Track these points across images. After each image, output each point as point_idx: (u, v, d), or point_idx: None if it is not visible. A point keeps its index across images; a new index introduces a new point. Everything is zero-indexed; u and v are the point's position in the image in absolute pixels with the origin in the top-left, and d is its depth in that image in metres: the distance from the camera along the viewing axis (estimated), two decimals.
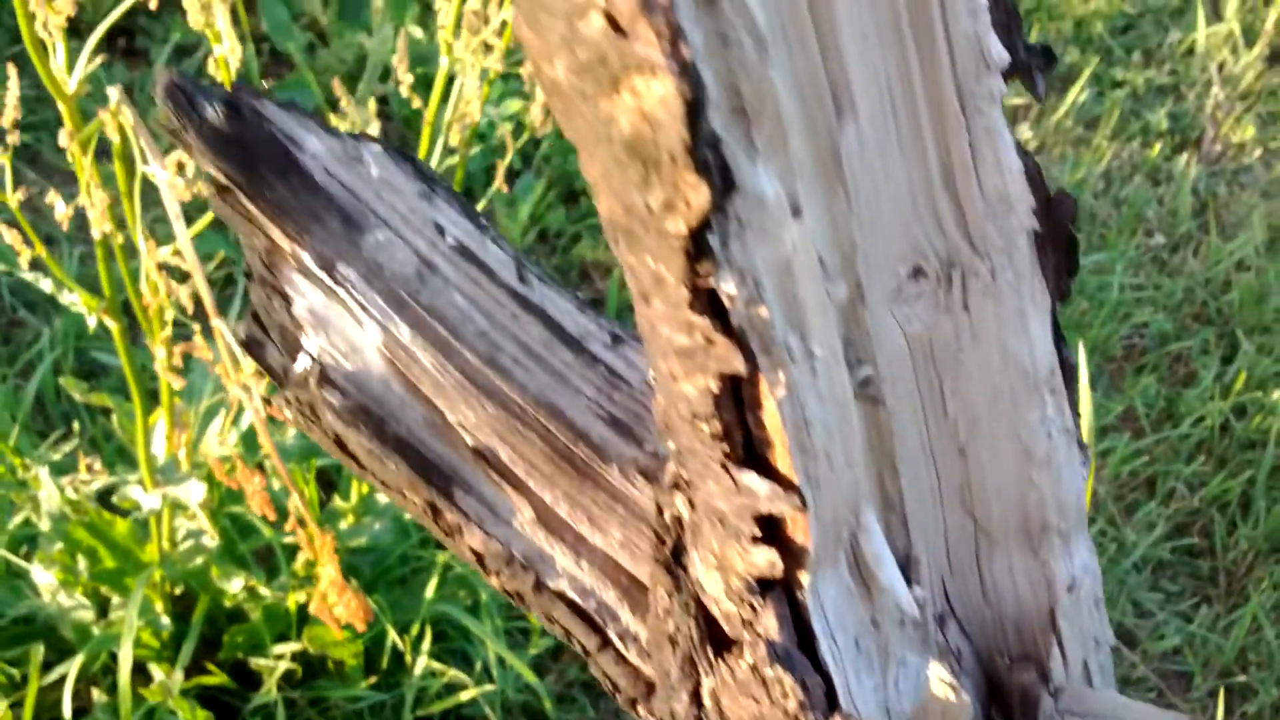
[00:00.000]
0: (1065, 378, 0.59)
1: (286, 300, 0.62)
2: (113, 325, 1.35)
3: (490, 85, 1.37)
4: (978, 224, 0.54)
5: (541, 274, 0.65)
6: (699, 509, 0.54)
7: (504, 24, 1.32)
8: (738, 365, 0.46)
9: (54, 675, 1.56)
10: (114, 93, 1.20)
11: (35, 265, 1.84)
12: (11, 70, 1.18)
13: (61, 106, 1.19)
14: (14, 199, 1.20)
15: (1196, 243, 2.39)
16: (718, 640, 0.57)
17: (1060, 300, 0.57)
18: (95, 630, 1.61)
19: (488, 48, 1.35)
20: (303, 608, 1.70)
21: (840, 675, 0.57)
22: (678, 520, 0.58)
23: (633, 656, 0.64)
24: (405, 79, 1.36)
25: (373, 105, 1.46)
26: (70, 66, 1.19)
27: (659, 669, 0.58)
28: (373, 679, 1.67)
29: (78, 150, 1.18)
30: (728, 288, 0.45)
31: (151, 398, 1.51)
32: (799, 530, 0.52)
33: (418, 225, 0.62)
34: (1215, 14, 2.64)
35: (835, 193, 0.50)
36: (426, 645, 1.66)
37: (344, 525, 1.74)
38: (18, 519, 1.70)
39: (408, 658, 1.67)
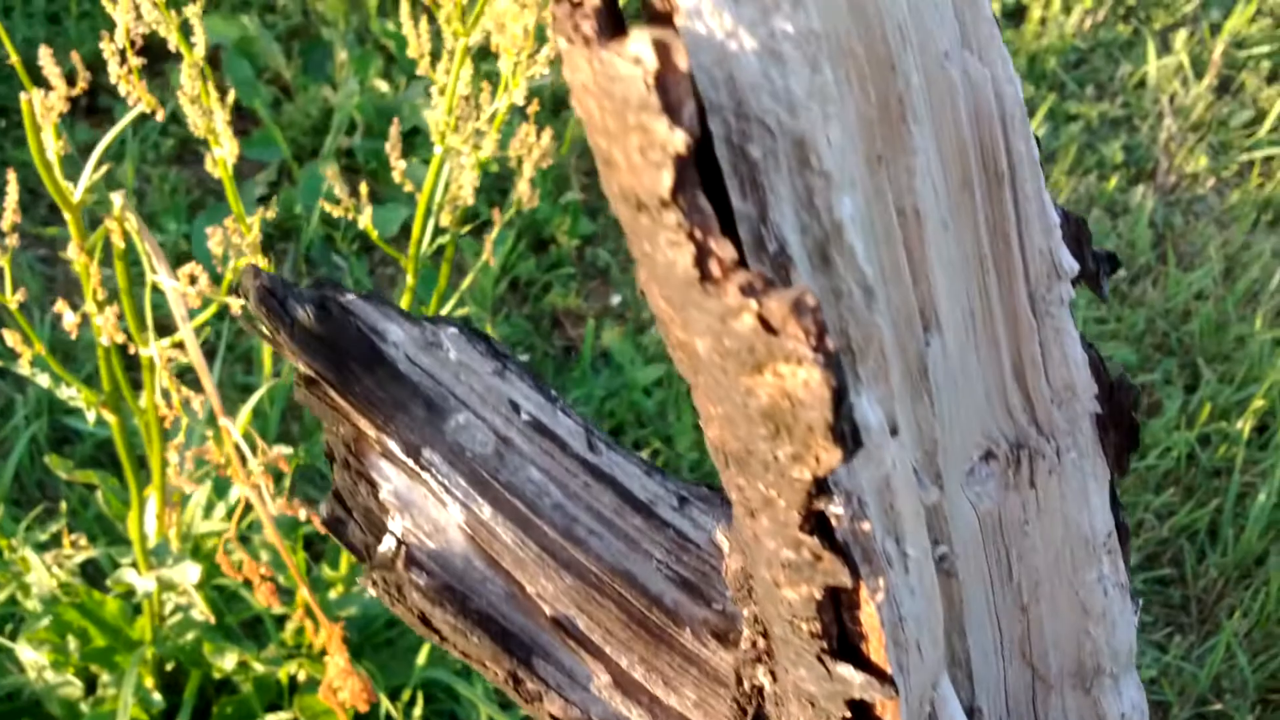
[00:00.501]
0: (1121, 538, 0.63)
1: (373, 485, 0.64)
2: (111, 419, 1.36)
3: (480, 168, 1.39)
4: (1045, 411, 0.57)
5: (608, 440, 0.68)
6: (784, 686, 0.57)
7: (494, 114, 1.34)
8: (844, 579, 0.49)
9: None
10: (118, 198, 1.21)
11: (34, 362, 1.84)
12: (11, 175, 1.19)
13: (67, 216, 1.19)
14: (13, 300, 1.21)
15: (1156, 274, 2.45)
16: None
17: (1120, 475, 0.61)
18: (84, 707, 1.61)
19: (479, 133, 1.37)
20: (294, 677, 1.71)
21: None
22: (759, 690, 0.60)
23: None
24: (398, 166, 1.37)
25: (335, 168, 1.46)
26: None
27: None
28: None
29: (84, 261, 1.19)
30: (835, 509, 0.48)
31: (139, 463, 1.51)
32: (889, 713, 0.55)
33: (494, 404, 0.65)
34: (1165, 46, 2.70)
35: (921, 399, 0.53)
36: (419, 711, 1.68)
37: (333, 595, 1.75)
38: (1, 596, 1.70)
39: None
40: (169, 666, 1.68)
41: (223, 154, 1.24)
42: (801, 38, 0.41)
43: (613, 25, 0.38)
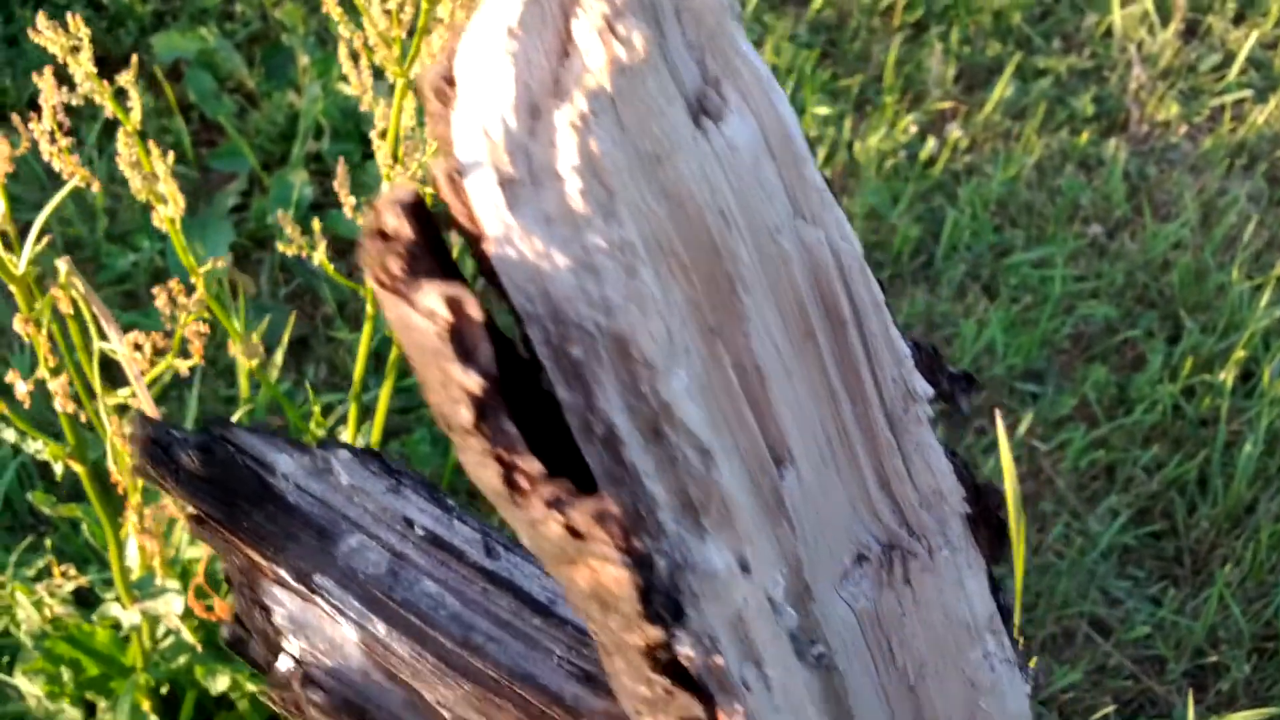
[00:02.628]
0: (1004, 617, 0.64)
1: (266, 610, 0.66)
2: (79, 469, 1.38)
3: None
4: (914, 515, 0.59)
5: (507, 542, 0.70)
6: None
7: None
8: (697, 712, 0.51)
9: None
10: (63, 265, 1.23)
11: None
12: None
13: (12, 289, 1.21)
14: None
15: (1133, 227, 2.45)
16: None
17: (994, 563, 0.62)
18: None
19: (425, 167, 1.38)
20: None
21: None
22: None
23: None
24: (348, 202, 1.37)
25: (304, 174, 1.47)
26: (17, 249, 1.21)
27: None
28: None
29: (32, 331, 1.20)
30: (685, 650, 0.50)
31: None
32: None
33: (388, 522, 0.67)
34: None
35: (780, 525, 0.54)
36: None
37: None
38: None
39: None
40: (164, 689, 1.72)
41: (168, 213, 1.25)
42: (615, 248, 0.43)
43: (428, 260, 0.39)
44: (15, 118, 1.18)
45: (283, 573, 0.65)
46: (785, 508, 0.54)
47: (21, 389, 1.20)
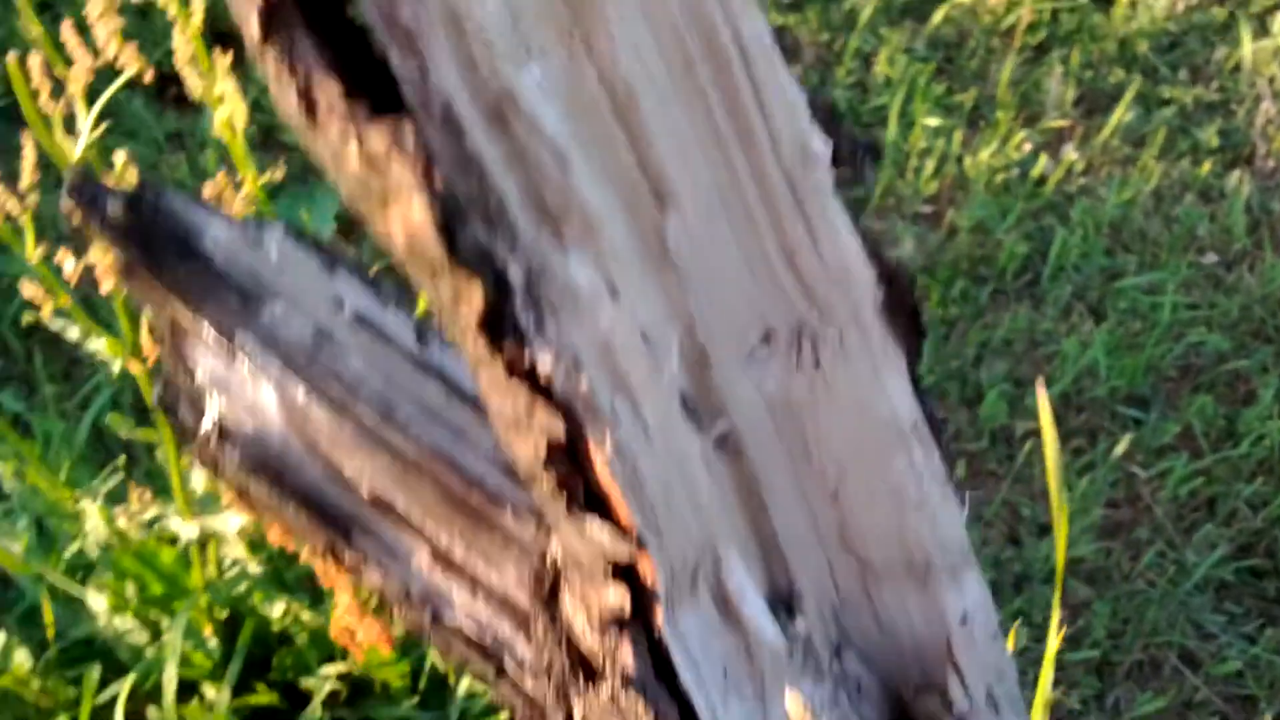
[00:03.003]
0: (933, 428, 0.64)
1: (190, 369, 0.69)
2: (137, 370, 1.42)
3: None
4: (822, 294, 0.58)
5: (441, 334, 0.71)
6: (565, 554, 0.59)
7: None
8: (557, 430, 0.51)
9: (107, 694, 1.64)
10: (120, 156, 1.28)
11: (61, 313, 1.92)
12: (27, 136, 1.26)
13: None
14: (35, 255, 1.28)
15: (1252, 260, 2.38)
16: (587, 671, 0.62)
17: (915, 356, 0.62)
18: (149, 653, 1.69)
19: None
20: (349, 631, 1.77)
21: (705, 701, 0.61)
22: (554, 563, 0.63)
23: (528, 685, 0.69)
24: None
25: None
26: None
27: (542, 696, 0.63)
28: (416, 699, 1.73)
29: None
30: (543, 364, 0.50)
31: None
32: (647, 572, 0.57)
33: (316, 299, 0.68)
34: (1262, 29, 2.63)
35: (666, 273, 0.55)
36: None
37: None
38: (73, 547, 1.80)
39: (451, 678, 1.73)
40: (224, 614, 1.75)
41: (224, 115, 1.29)
42: None
43: None
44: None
45: (205, 328, 0.67)
46: (669, 253, 0.54)
47: (69, 267, 1.25)
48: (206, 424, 0.69)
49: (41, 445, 1.95)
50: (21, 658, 1.68)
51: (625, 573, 0.57)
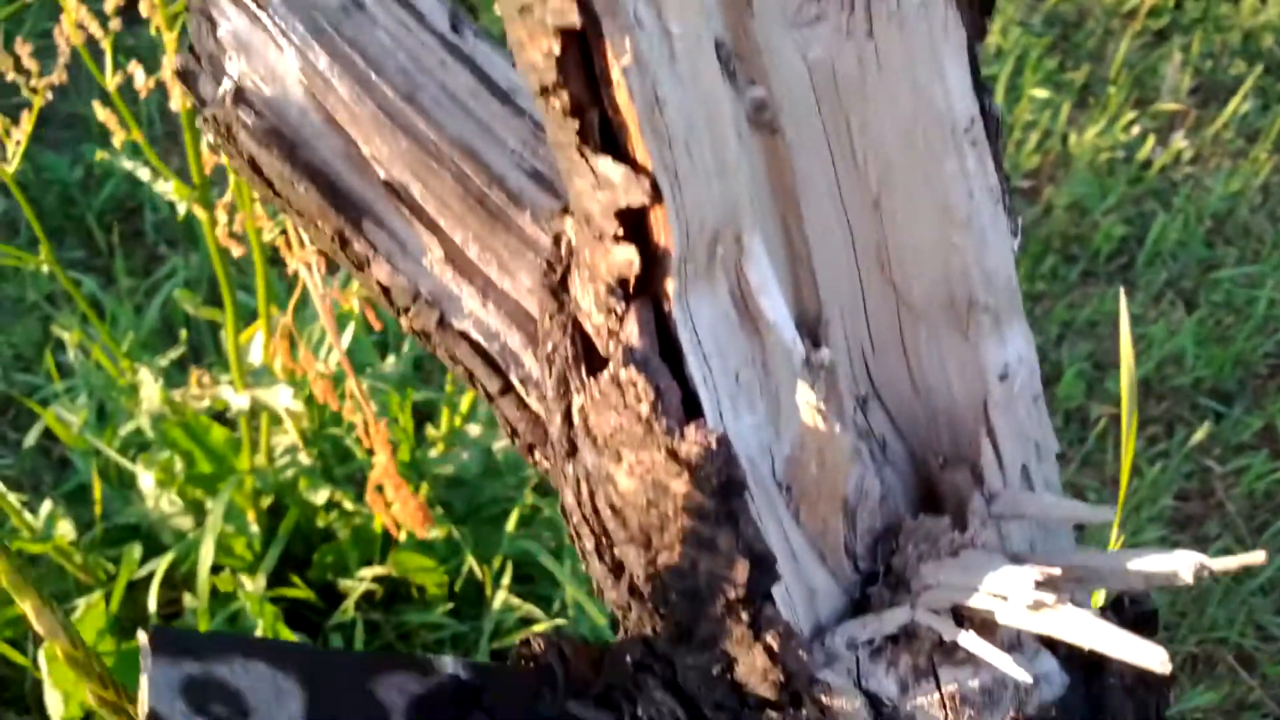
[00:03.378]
0: (989, 130, 0.58)
1: (213, 24, 0.64)
2: (201, 215, 1.40)
3: None
4: None
5: (477, 29, 0.66)
6: (577, 216, 0.54)
7: None
8: (573, 18, 0.46)
9: (145, 571, 1.61)
10: None
11: (135, 152, 1.90)
12: None
13: None
14: (112, 83, 1.26)
15: None
16: (590, 359, 0.56)
17: (978, 38, 0.56)
18: (191, 536, 1.67)
19: None
20: (389, 536, 1.73)
21: (711, 401, 0.55)
22: (568, 245, 0.58)
23: (533, 402, 0.64)
24: None
25: None
26: None
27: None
28: (450, 606, 1.69)
29: (163, 20, 1.21)
30: None
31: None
32: (660, 228, 0.51)
33: None
34: None
35: None
36: (507, 580, 1.67)
37: (433, 453, 1.77)
38: (129, 426, 1.78)
39: (488, 590, 1.69)
40: (269, 502, 1.72)
41: None
42: None
43: None
44: None
45: None
46: None
47: (140, 80, 1.22)
48: (225, 86, 0.64)
49: (110, 327, 1.95)
50: (65, 529, 1.66)
51: (637, 233, 0.52)
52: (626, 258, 0.52)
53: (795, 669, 0.59)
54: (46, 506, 1.66)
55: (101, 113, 1.28)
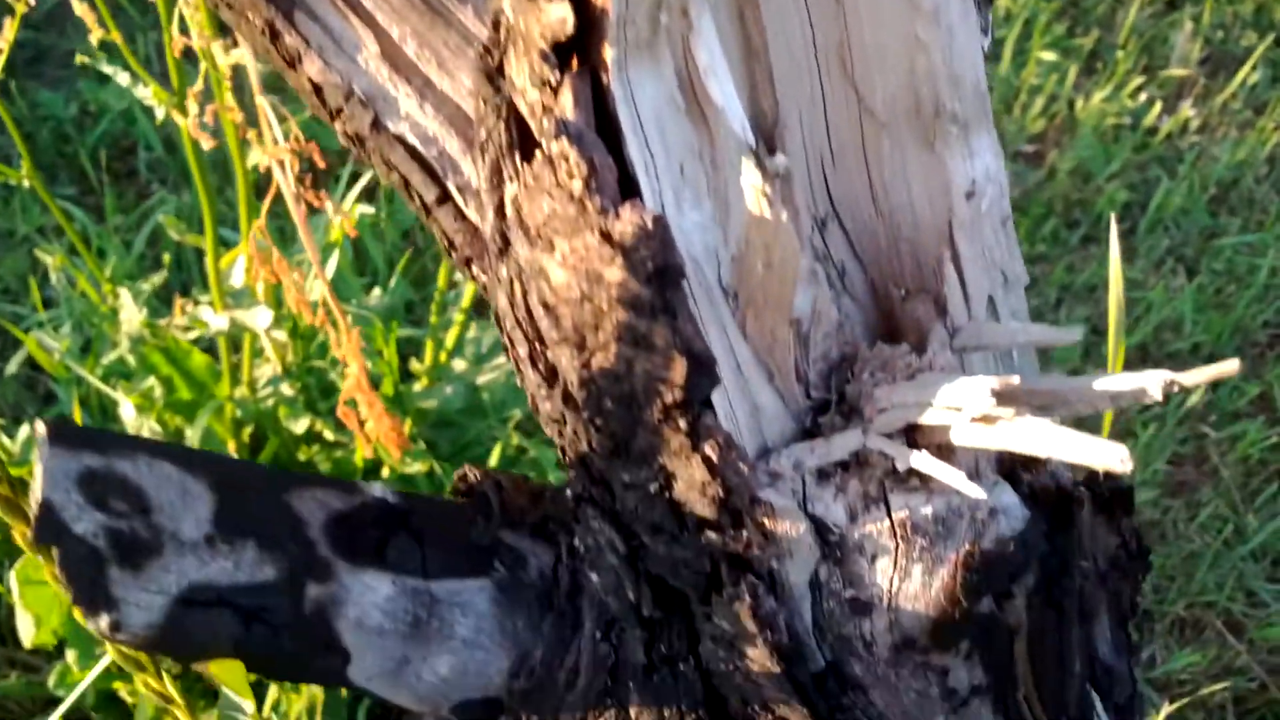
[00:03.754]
0: None
1: None
2: (181, 121, 1.37)
3: None
4: None
5: None
6: None
7: None
8: None
9: None
10: None
11: (108, 50, 1.87)
12: None
13: None
14: None
15: None
16: (525, 145, 0.53)
17: None
18: None
19: None
20: (370, 465, 1.70)
21: (652, 190, 0.52)
22: (506, 26, 0.54)
23: (471, 212, 0.61)
24: None
25: None
26: None
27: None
28: None
29: None
30: None
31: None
32: None
33: None
34: None
35: None
36: None
37: (418, 387, 1.74)
38: (112, 355, 1.75)
39: None
40: (249, 431, 1.70)
41: None
42: None
43: None
44: None
45: None
46: None
47: None
48: None
49: (98, 259, 1.92)
50: None
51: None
52: (560, 15, 0.49)
53: (735, 483, 0.55)
54: (24, 431, 1.63)
55: (79, 7, 1.25)
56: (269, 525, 0.55)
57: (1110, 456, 0.49)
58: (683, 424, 0.54)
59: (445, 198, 0.61)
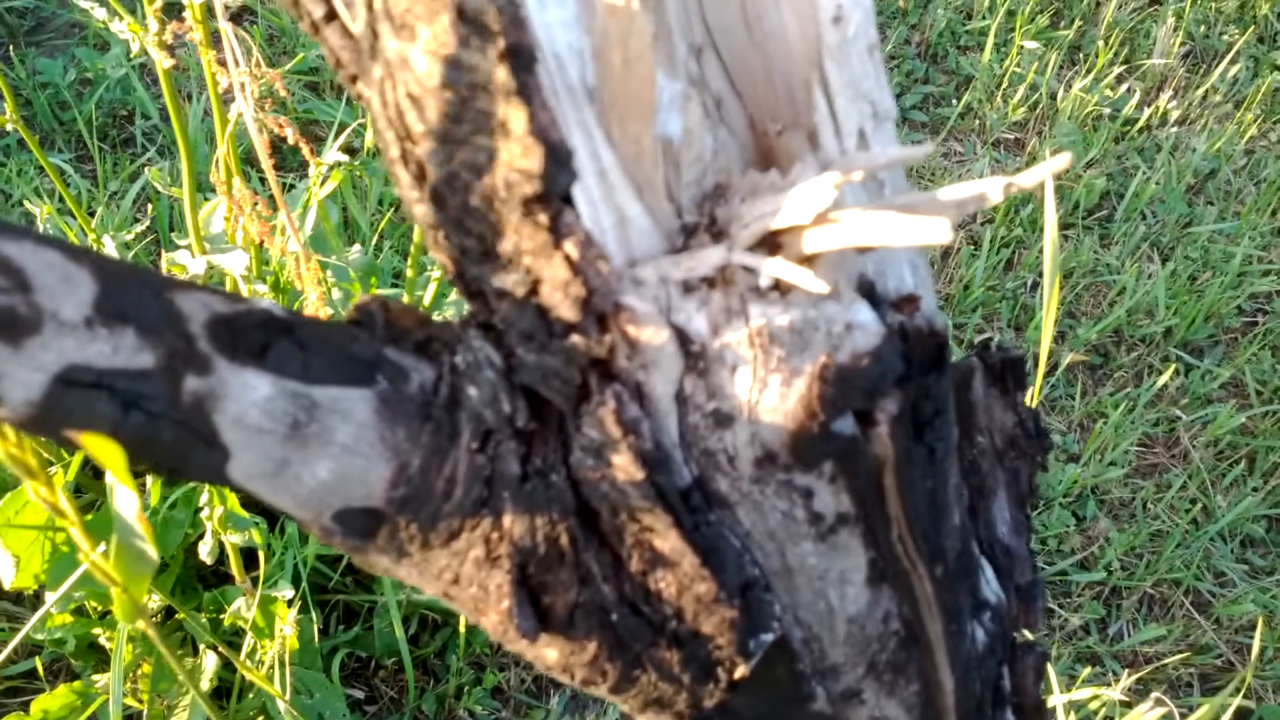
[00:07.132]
0: None
1: None
2: (158, 57, 1.40)
3: None
4: None
5: None
6: None
7: None
8: None
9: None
10: None
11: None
12: None
13: None
14: None
15: None
16: None
17: None
18: None
19: None
20: None
21: None
22: None
23: (357, 28, 0.63)
24: None
25: None
26: None
27: None
28: None
29: None
30: None
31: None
32: None
33: None
34: None
35: None
36: None
37: None
38: None
39: None
40: None
41: None
42: None
43: None
44: None
45: None
46: None
47: None
48: None
49: (89, 217, 1.96)
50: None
51: None
52: None
53: (596, 284, 0.57)
54: None
55: None
56: (150, 315, 0.57)
57: (934, 229, 0.51)
58: (543, 219, 0.56)
59: (332, 15, 0.63)
